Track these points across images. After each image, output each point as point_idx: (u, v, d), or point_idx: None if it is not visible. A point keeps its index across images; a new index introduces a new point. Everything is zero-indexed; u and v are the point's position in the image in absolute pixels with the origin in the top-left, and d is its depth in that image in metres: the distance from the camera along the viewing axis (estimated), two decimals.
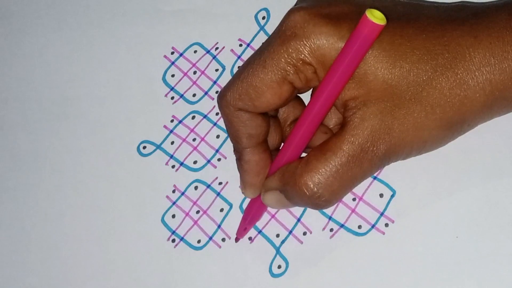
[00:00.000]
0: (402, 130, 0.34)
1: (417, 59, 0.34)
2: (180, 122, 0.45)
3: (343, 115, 0.35)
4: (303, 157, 0.36)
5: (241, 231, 0.41)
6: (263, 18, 0.46)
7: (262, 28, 0.46)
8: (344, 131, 0.34)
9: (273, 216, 0.41)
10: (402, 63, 0.34)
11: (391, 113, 0.34)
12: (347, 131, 0.34)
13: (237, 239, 0.41)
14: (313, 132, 0.36)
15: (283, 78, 0.35)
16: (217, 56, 0.46)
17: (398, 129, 0.34)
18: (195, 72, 0.46)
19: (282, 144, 0.40)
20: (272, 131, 0.39)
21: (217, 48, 0.46)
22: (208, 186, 0.43)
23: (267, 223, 0.41)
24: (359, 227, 0.40)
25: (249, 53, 0.45)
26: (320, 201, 0.35)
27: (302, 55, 0.34)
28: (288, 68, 0.35)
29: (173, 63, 0.47)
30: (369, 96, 0.34)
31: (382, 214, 0.40)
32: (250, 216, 0.40)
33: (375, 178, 0.40)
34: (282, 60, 0.34)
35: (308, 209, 0.41)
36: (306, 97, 0.39)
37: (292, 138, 0.37)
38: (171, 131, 0.45)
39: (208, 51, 0.46)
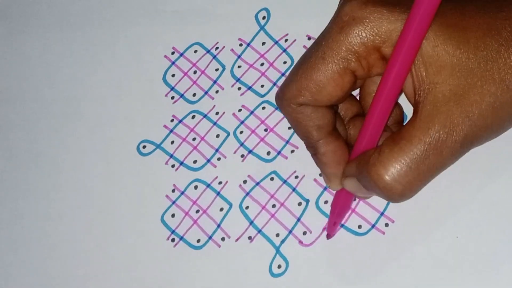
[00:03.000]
0: (481, 112, 0.32)
1: (482, 34, 0.32)
2: (180, 121, 0.45)
3: (414, 101, 0.33)
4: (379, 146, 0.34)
5: (331, 226, 0.39)
6: (263, 18, 0.46)
7: (262, 28, 0.46)
8: (417, 118, 0.32)
9: (272, 216, 0.41)
10: (469, 39, 0.32)
11: (467, 94, 0.32)
12: (422, 117, 0.32)
13: (328, 236, 0.39)
14: (389, 112, 0.34)
15: (345, 68, 0.33)
16: (217, 56, 0.46)
17: (477, 110, 0.32)
18: (195, 72, 0.46)
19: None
20: (338, 126, 0.37)
21: (217, 48, 0.46)
22: (208, 185, 0.43)
23: (266, 223, 0.41)
24: (359, 227, 0.40)
25: (249, 52, 0.46)
26: (393, 194, 0.33)
27: (364, 39, 0.32)
28: (349, 56, 0.33)
29: (173, 63, 0.47)
30: (439, 76, 0.32)
31: (382, 214, 0.40)
32: (338, 209, 0.38)
33: None
34: (343, 48, 0.33)
35: (308, 209, 0.41)
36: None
37: (369, 121, 0.34)
38: (171, 131, 0.45)
39: (208, 51, 0.46)
